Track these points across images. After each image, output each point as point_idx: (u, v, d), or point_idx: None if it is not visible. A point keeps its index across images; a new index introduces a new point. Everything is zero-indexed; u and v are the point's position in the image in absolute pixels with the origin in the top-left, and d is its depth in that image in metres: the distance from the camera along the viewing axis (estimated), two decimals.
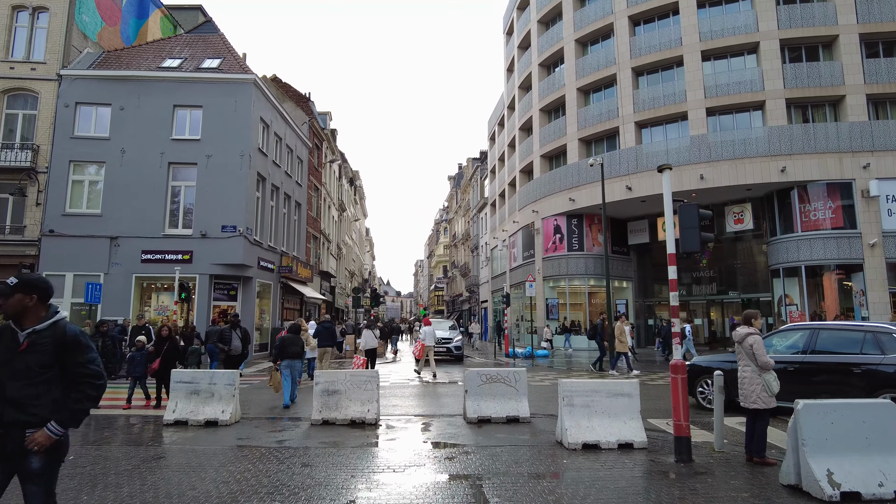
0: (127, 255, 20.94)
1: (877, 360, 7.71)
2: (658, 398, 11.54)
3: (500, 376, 8.57)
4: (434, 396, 11.67)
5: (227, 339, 11.81)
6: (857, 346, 8.05)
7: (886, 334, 7.92)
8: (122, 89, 21.84)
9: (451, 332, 22.56)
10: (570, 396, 6.87)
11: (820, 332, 8.52)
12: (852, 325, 8.71)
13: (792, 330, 9.31)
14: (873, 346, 7.86)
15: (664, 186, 6.81)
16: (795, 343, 8.81)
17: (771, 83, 25.02)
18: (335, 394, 8.52)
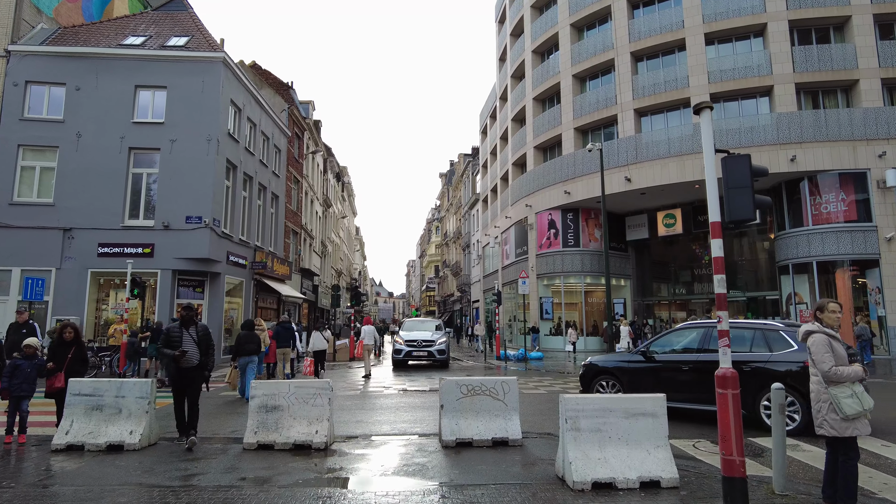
0: (82, 249, 19.07)
1: (765, 357, 7.82)
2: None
3: (485, 387, 6.83)
4: (409, 409, 9.90)
5: (176, 341, 7.25)
6: (746, 344, 8.13)
7: (773, 331, 8.08)
8: (79, 68, 19.96)
9: (436, 334, 20.03)
10: (574, 418, 5.15)
11: (713, 331, 8.37)
12: (742, 324, 8.74)
13: (688, 328, 9.35)
14: (762, 344, 7.99)
15: (704, 131, 5.10)
16: (691, 342, 8.83)
17: (779, 67, 23.46)
18: (275, 410, 6.75)
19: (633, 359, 9.22)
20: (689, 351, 8.75)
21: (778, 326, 8.27)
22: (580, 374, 9.82)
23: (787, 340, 7.90)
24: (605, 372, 9.35)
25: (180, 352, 6.90)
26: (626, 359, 9.38)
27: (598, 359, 9.93)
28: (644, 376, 8.85)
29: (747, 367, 7.73)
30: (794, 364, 7.58)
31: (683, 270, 30.00)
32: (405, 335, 19.83)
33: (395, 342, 19.90)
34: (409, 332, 20.20)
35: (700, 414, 8.29)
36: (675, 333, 9.39)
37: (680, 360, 8.68)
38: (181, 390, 7.12)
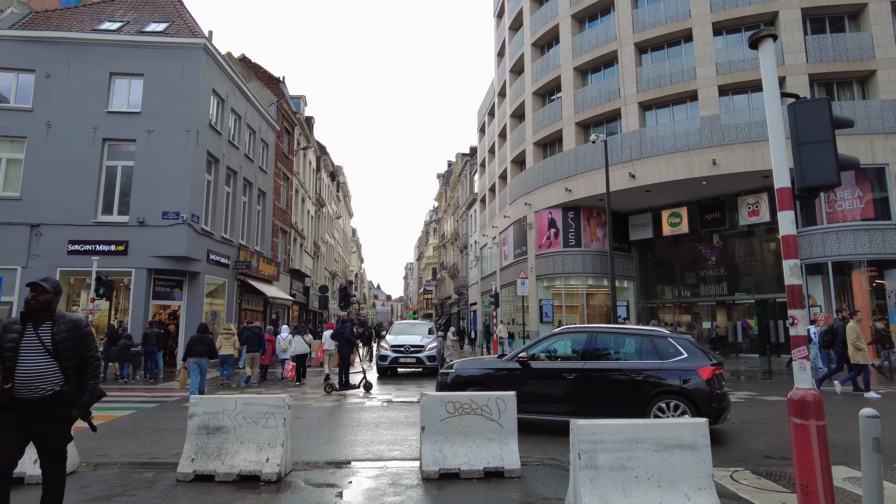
0: (51, 246, 17.85)
1: (656, 365, 7.47)
2: None
3: (475, 404, 5.59)
4: (390, 426, 8.62)
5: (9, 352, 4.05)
6: (635, 351, 7.78)
7: (662, 339, 7.76)
8: (49, 54, 18.76)
9: (426, 338, 17.93)
10: (591, 452, 3.92)
11: (598, 337, 8.05)
12: (629, 329, 8.38)
13: (570, 332, 8.61)
14: (651, 352, 7.64)
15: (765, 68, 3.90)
16: (574, 348, 8.24)
17: (792, 58, 22.28)
18: (219, 432, 5.51)
19: (507, 366, 8.03)
20: (572, 358, 8.02)
21: (666, 333, 7.97)
22: (440, 385, 8.22)
23: (677, 348, 7.59)
24: (474, 382, 8.00)
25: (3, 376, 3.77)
26: (499, 366, 8.12)
27: (465, 365, 8.44)
28: (520, 386, 7.58)
29: (639, 377, 7.43)
30: (685, 373, 7.29)
31: (689, 272, 28.78)
32: (392, 339, 17.82)
33: (381, 348, 17.90)
34: (396, 337, 18.10)
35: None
36: (556, 338, 8.45)
37: (561, 367, 7.87)
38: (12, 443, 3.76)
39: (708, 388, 7.14)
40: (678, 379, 7.29)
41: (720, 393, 7.25)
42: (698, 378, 7.20)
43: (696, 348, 7.64)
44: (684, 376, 7.28)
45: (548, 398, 7.69)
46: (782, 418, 9.08)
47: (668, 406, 7.21)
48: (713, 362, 7.41)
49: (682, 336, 8.04)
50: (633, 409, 7.10)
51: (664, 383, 7.29)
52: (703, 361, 7.39)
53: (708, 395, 7.12)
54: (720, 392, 7.26)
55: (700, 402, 7.08)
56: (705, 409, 7.02)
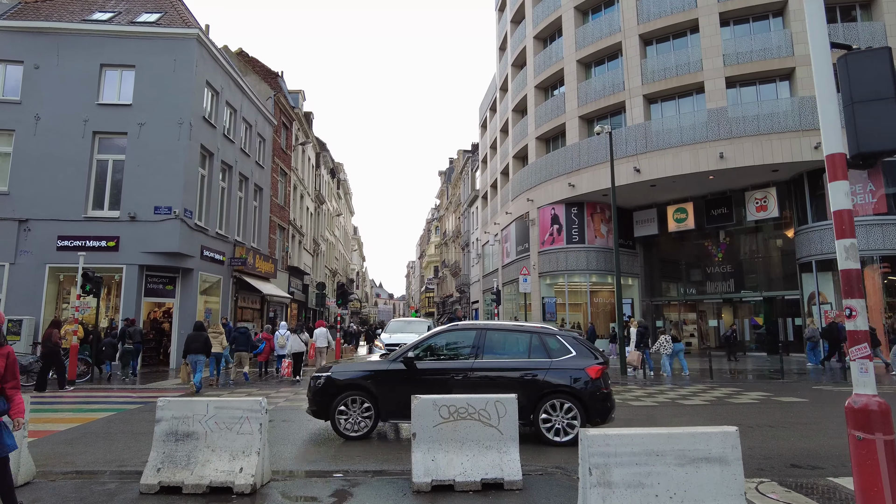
0: (39, 242, 17.38)
1: (545, 364, 7.25)
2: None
3: (472, 408, 5.05)
4: (381, 430, 8.10)
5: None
6: (525, 349, 7.50)
7: (551, 336, 7.55)
8: (38, 44, 18.27)
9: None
10: (604, 466, 3.38)
11: (488, 334, 7.65)
12: (518, 326, 8.04)
13: (460, 330, 8.07)
14: (541, 350, 7.40)
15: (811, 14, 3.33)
16: (464, 346, 7.68)
17: (802, 48, 21.67)
18: (188, 438, 4.98)
19: (390, 367, 7.40)
20: (461, 357, 7.55)
21: (554, 331, 7.72)
22: (311, 391, 7.51)
23: (566, 346, 7.42)
24: (352, 386, 7.30)
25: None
26: (382, 367, 7.47)
27: (343, 367, 7.71)
28: (405, 390, 6.96)
29: (528, 376, 7.18)
30: (575, 371, 7.13)
31: (694, 269, 28.19)
32: (387, 338, 17.14)
33: (375, 347, 17.38)
34: (391, 335, 17.36)
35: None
36: (445, 335, 7.92)
37: (449, 367, 7.40)
38: None
39: (596, 386, 7.03)
40: (568, 378, 7.12)
41: (607, 392, 7.14)
42: (587, 377, 7.07)
43: (584, 346, 7.47)
44: (574, 375, 7.12)
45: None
46: (801, 421, 8.53)
47: (558, 406, 7.04)
48: (599, 361, 7.27)
49: (570, 333, 7.83)
50: (523, 410, 6.72)
51: (554, 382, 7.09)
52: (591, 360, 7.26)
53: (597, 394, 6.99)
54: (607, 391, 7.15)
55: (589, 401, 6.98)
56: (594, 408, 6.96)
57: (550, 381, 7.09)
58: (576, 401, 7.01)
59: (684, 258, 28.42)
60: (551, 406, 7.04)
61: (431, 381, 7.23)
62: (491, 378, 7.21)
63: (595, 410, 6.97)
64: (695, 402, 10.82)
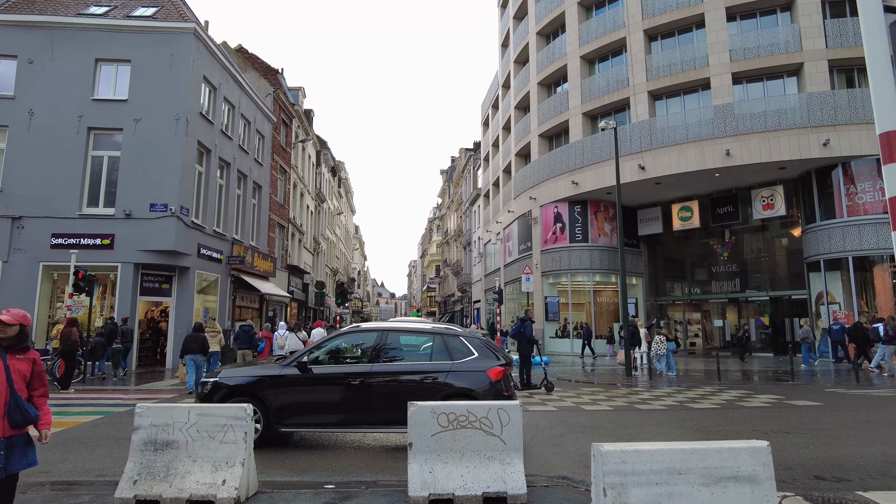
0: (33, 240, 17.06)
1: (447, 366, 6.97)
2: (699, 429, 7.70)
3: (473, 416, 4.69)
4: (378, 434, 7.74)
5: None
6: (427, 352, 7.26)
7: (454, 337, 7.29)
8: (32, 39, 17.95)
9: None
10: (620, 486, 3.03)
11: (389, 336, 7.35)
12: (421, 328, 7.84)
13: (359, 332, 7.74)
14: (443, 352, 7.14)
15: None
16: (363, 350, 7.43)
17: (810, 42, 21.26)
18: (168, 448, 4.63)
19: (283, 372, 6.98)
20: (360, 360, 7.27)
21: (458, 332, 7.47)
22: (197, 397, 7.05)
23: (469, 347, 7.16)
24: (240, 392, 6.82)
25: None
26: (275, 372, 7.00)
27: (231, 374, 7.16)
28: (300, 395, 6.80)
29: (428, 379, 6.91)
30: (475, 374, 6.90)
31: (699, 268, 27.80)
32: None
33: None
34: None
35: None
36: (344, 338, 7.60)
37: (346, 372, 7.03)
38: None
39: (496, 389, 6.81)
40: (468, 381, 6.87)
41: (508, 394, 6.91)
42: (487, 379, 6.86)
43: (487, 347, 7.24)
44: (474, 377, 6.89)
45: (331, 407, 6.82)
46: (819, 427, 8.15)
47: None
48: (501, 362, 7.07)
49: (474, 334, 7.57)
50: None
51: (454, 386, 6.82)
52: (493, 361, 7.05)
53: (496, 397, 6.71)
54: (508, 394, 6.93)
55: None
56: None
57: (451, 383, 6.83)
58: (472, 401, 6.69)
59: (689, 257, 28.03)
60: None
61: (326, 387, 6.90)
62: (389, 382, 6.93)
63: None
64: (704, 405, 10.44)
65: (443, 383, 6.83)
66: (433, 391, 6.78)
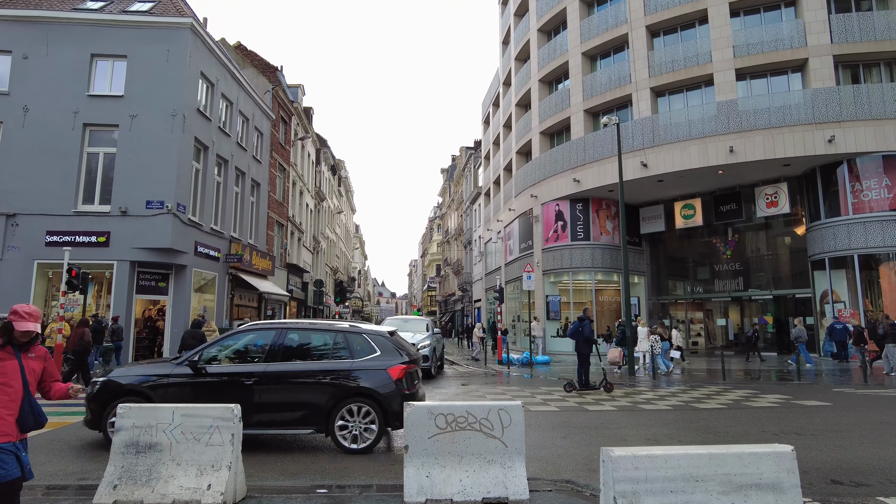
0: (27, 237, 16.81)
1: (346, 365, 6.84)
2: (709, 429, 7.45)
3: (473, 417, 4.45)
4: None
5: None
6: (328, 350, 7.08)
7: (356, 335, 7.13)
8: (27, 34, 17.70)
9: (418, 336, 16.06)
10: (633, 495, 2.80)
11: (288, 334, 7.17)
12: (322, 325, 7.64)
13: (255, 330, 7.51)
14: (344, 351, 7.01)
15: None
16: (258, 348, 7.15)
17: (815, 38, 21.00)
18: (151, 450, 4.39)
19: (174, 372, 6.80)
20: (257, 359, 7.02)
21: (362, 329, 7.29)
22: (87, 397, 6.67)
23: (371, 345, 7.02)
24: (130, 392, 6.55)
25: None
26: (166, 371, 6.84)
27: (123, 373, 6.94)
28: (191, 396, 6.53)
29: (326, 378, 6.72)
30: (376, 373, 6.74)
31: (702, 267, 27.55)
32: None
33: None
34: None
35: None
36: (240, 336, 7.37)
37: (241, 371, 6.82)
38: None
39: (396, 388, 6.66)
40: (367, 380, 6.72)
41: (410, 393, 6.78)
42: (388, 378, 6.70)
43: (392, 345, 7.06)
44: (374, 376, 6.73)
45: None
46: (831, 428, 7.90)
47: (357, 411, 6.59)
48: (404, 360, 6.91)
49: (379, 332, 7.30)
50: (320, 417, 6.52)
51: (352, 385, 6.67)
52: (395, 360, 6.89)
53: (396, 396, 6.59)
54: (410, 392, 6.80)
55: (388, 404, 6.57)
56: (394, 412, 6.51)
57: (349, 383, 6.66)
58: (374, 404, 6.58)
59: (692, 256, 27.79)
60: (349, 411, 6.61)
61: (220, 387, 6.67)
62: (286, 382, 6.72)
63: (395, 414, 6.49)
64: (710, 405, 10.19)
65: (340, 383, 6.66)
66: (331, 391, 6.61)
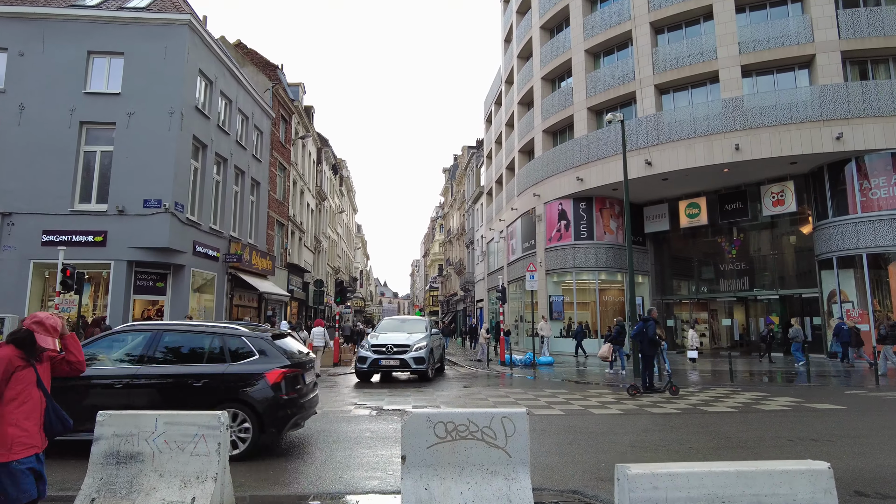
0: (23, 237, 16.59)
1: (221, 369, 6.61)
2: (723, 443, 7.15)
3: (474, 425, 4.17)
4: (375, 443, 7.18)
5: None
6: (204, 353, 6.82)
7: (235, 337, 6.85)
8: (22, 31, 17.48)
9: (413, 336, 15.24)
10: None
11: (164, 336, 6.91)
12: (199, 327, 7.27)
13: (130, 331, 7.21)
14: (220, 353, 6.76)
15: None
16: (133, 350, 6.87)
17: (822, 34, 20.67)
18: (132, 461, 4.13)
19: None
20: (128, 362, 6.74)
21: (241, 332, 6.96)
22: None
23: (250, 348, 6.76)
24: None
25: None
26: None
27: None
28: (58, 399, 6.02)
29: (199, 382, 6.51)
30: (251, 377, 6.49)
31: (707, 266, 27.19)
32: (373, 339, 15.46)
33: (360, 348, 15.58)
34: (379, 335, 15.60)
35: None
36: (112, 338, 7.07)
37: (110, 374, 6.58)
38: None
39: (273, 393, 6.42)
40: (242, 384, 6.49)
41: (289, 398, 6.51)
42: (263, 382, 6.46)
43: (274, 348, 6.80)
44: (249, 381, 6.49)
45: (90, 415, 5.86)
46: (847, 433, 7.60)
47: (231, 417, 6.25)
48: (284, 364, 6.64)
49: (259, 335, 6.98)
50: None
51: (227, 389, 6.45)
52: (275, 363, 6.63)
53: (272, 401, 6.37)
54: (289, 397, 6.52)
55: (264, 409, 6.32)
56: (270, 417, 6.33)
57: (223, 387, 6.43)
58: (248, 409, 6.34)
59: (696, 255, 27.45)
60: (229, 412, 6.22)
61: (85, 390, 6.39)
62: (157, 386, 6.49)
63: (270, 419, 6.32)
64: (719, 408, 9.90)
65: (214, 387, 6.45)
66: (205, 395, 6.39)
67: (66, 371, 3.51)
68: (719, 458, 6.23)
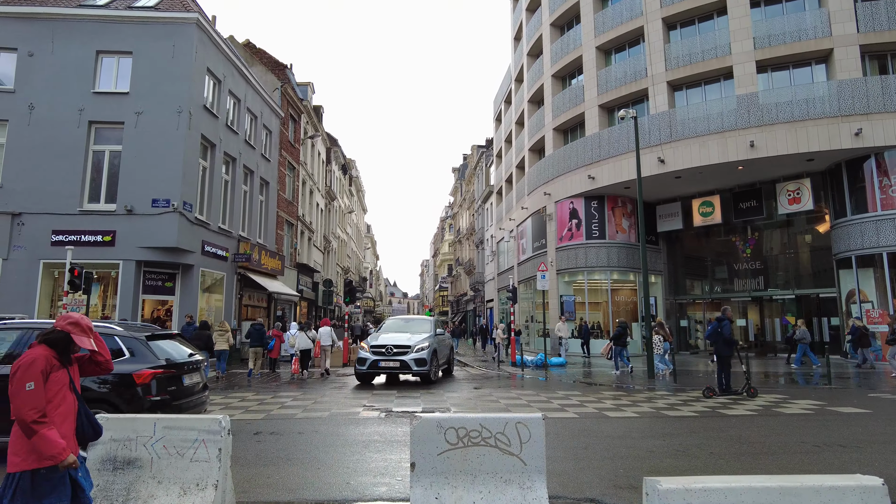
0: (33, 237, 16.61)
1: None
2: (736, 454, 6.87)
3: (487, 432, 3.95)
4: (383, 447, 6.97)
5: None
6: None
7: (107, 337, 6.46)
8: (32, 31, 17.51)
9: (415, 336, 14.57)
10: None
11: (23, 335, 6.59)
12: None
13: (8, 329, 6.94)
14: None
15: None
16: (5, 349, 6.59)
17: (840, 27, 20.22)
18: (130, 467, 3.95)
19: None
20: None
21: (116, 331, 6.78)
22: None
23: (121, 347, 6.58)
24: None
25: None
26: None
27: None
28: None
29: None
30: (119, 377, 6.34)
31: (720, 266, 26.74)
32: (372, 340, 14.84)
33: (360, 349, 14.87)
34: (379, 336, 15.01)
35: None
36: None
37: None
38: None
39: (141, 394, 6.34)
40: (109, 384, 6.37)
41: (159, 399, 6.41)
42: (131, 383, 6.37)
43: (146, 349, 6.66)
44: (117, 381, 6.37)
45: None
46: (877, 439, 7.28)
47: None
48: (157, 365, 6.53)
49: (134, 335, 6.81)
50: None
51: (90, 390, 6.23)
52: (145, 364, 6.50)
53: (139, 402, 6.29)
54: (160, 398, 6.41)
55: (129, 411, 6.10)
56: None
57: (90, 387, 6.22)
58: (115, 411, 6.09)
59: (710, 254, 27.01)
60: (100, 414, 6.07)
61: None
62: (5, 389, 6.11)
63: None
64: (738, 411, 9.59)
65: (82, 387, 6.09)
66: None
67: (95, 371, 3.43)
68: (743, 464, 5.96)
